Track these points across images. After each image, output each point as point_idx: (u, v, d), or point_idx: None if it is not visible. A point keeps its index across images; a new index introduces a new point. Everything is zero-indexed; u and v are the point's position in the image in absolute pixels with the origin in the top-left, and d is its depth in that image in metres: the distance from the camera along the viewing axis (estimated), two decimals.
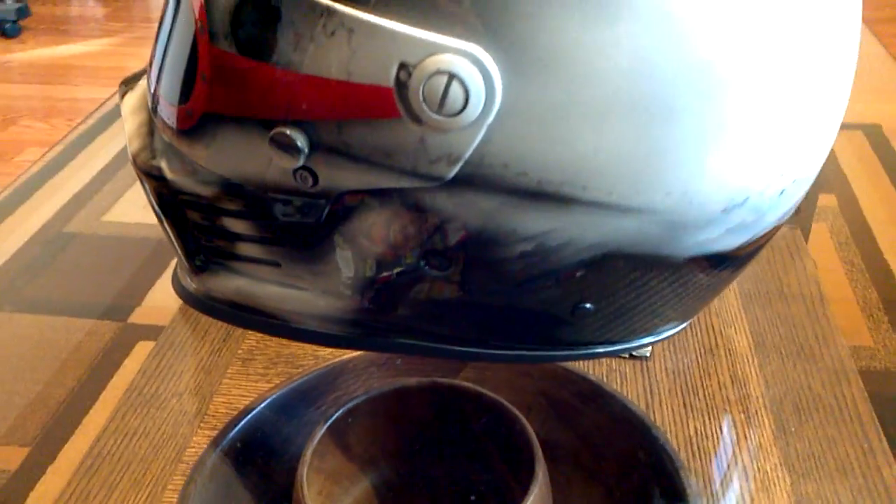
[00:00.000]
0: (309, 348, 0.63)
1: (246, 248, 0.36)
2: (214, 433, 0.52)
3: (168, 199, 0.37)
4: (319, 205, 0.33)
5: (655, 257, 0.32)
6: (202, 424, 0.57)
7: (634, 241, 0.31)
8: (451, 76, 0.28)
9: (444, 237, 0.32)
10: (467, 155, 0.29)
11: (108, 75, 1.99)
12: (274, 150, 0.31)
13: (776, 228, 0.35)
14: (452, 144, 0.29)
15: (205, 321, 0.66)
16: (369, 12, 0.28)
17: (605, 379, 0.58)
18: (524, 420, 0.42)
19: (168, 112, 0.36)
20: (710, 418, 0.57)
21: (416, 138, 0.29)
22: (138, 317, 0.68)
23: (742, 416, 0.57)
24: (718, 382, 0.59)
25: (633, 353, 0.60)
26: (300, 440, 0.47)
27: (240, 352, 0.63)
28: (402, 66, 0.28)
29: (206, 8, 0.31)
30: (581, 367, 0.53)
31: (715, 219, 0.31)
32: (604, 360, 0.60)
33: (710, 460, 0.54)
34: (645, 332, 0.37)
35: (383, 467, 0.47)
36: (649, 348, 0.61)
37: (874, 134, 0.96)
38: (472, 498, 0.46)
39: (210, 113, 0.33)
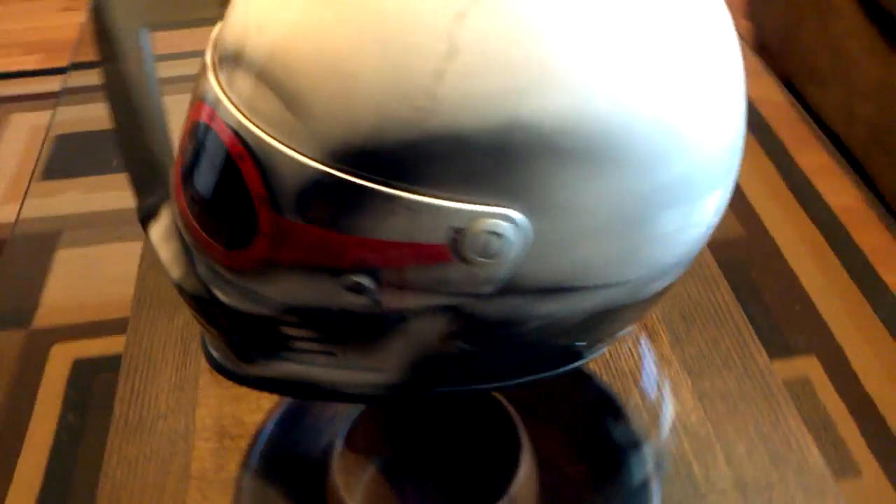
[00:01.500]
0: None
1: (301, 345, 0.42)
2: (211, 444, 0.59)
3: (219, 316, 0.43)
4: (380, 319, 0.39)
5: (632, 303, 0.42)
6: (196, 438, 0.63)
7: (618, 299, 0.41)
8: (493, 233, 0.36)
9: (481, 328, 0.40)
10: (504, 278, 0.38)
11: None
12: (348, 293, 0.38)
13: None
14: (493, 273, 0.37)
15: (158, 342, 0.71)
16: (424, 196, 0.35)
17: None
18: (507, 403, 0.52)
19: (220, 252, 0.40)
20: (619, 342, 0.69)
21: (465, 273, 0.37)
22: (42, 320, 0.70)
23: (643, 332, 0.70)
24: None
25: None
26: (313, 443, 0.55)
27: (203, 363, 0.69)
28: (453, 229, 0.36)
29: (267, 184, 0.37)
30: None
31: (674, 268, 0.42)
32: None
33: (628, 377, 0.66)
34: (610, 338, 0.47)
35: (386, 454, 0.55)
36: None
37: None
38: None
39: (271, 260, 0.38)
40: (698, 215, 0.39)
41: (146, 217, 0.46)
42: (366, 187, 0.35)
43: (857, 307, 0.73)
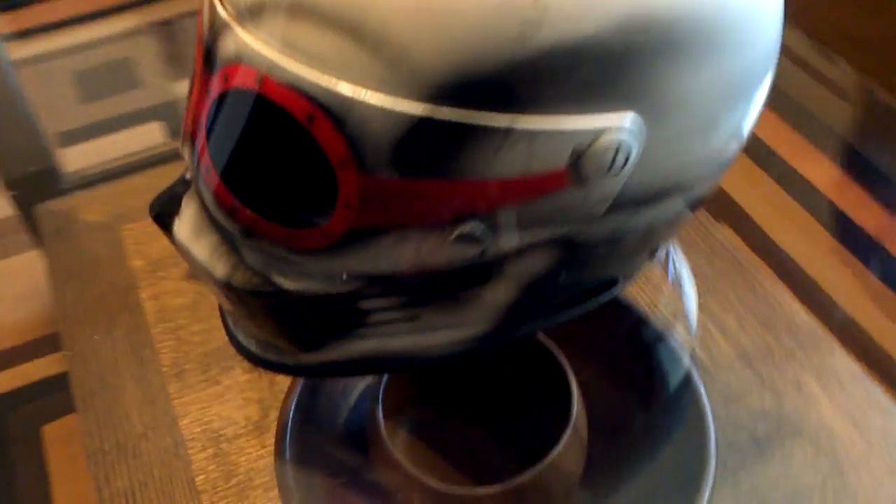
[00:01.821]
0: None
1: (381, 317, 0.38)
2: (208, 452, 0.55)
3: (277, 306, 0.38)
4: (480, 268, 0.36)
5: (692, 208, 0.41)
6: (190, 450, 0.58)
7: (691, 201, 0.40)
8: (616, 148, 0.33)
9: (584, 254, 0.37)
10: (617, 193, 0.35)
11: None
12: (456, 245, 0.34)
13: None
14: (610, 190, 0.34)
15: (106, 359, 0.64)
16: (542, 119, 0.31)
17: None
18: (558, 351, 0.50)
19: (284, 235, 0.35)
20: None
21: (581, 197, 0.34)
22: None
23: None
24: None
25: None
26: (337, 415, 0.52)
27: (164, 369, 0.63)
28: (574, 151, 0.32)
29: (351, 143, 0.32)
30: None
31: (730, 164, 0.41)
32: None
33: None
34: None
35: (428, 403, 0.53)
36: None
37: None
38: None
39: (356, 230, 0.34)
40: (758, 101, 0.38)
41: (163, 214, 0.40)
42: (476, 123, 0.31)
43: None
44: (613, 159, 0.33)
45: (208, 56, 0.35)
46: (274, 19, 0.32)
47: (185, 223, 0.39)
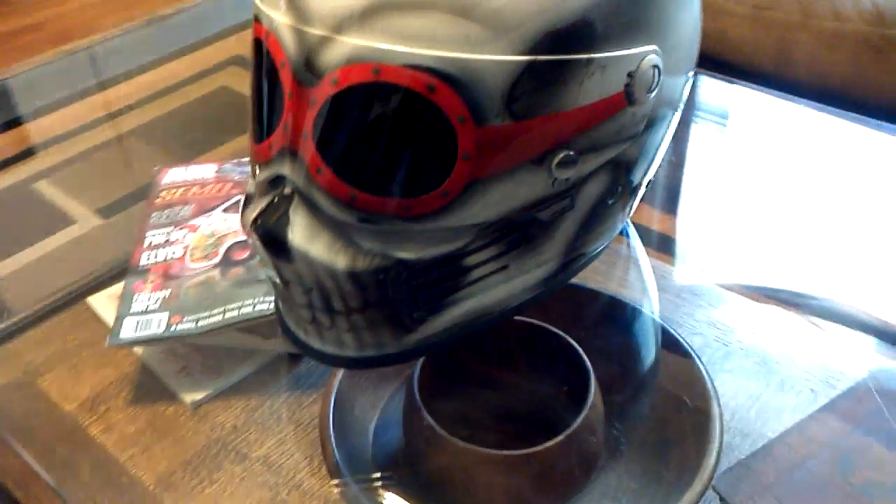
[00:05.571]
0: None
1: (480, 272, 0.43)
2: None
3: (395, 282, 0.42)
4: (564, 198, 0.43)
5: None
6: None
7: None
8: (655, 67, 0.42)
9: (625, 177, 0.45)
10: (651, 111, 0.43)
11: None
12: (555, 172, 0.41)
13: None
14: (647, 109, 0.43)
15: (36, 447, 0.60)
16: (611, 51, 0.40)
17: None
18: (577, 346, 0.55)
19: (404, 206, 0.40)
20: None
21: (630, 115, 0.42)
22: None
23: None
24: None
25: None
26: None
27: (151, 487, 0.60)
28: (629, 74, 0.41)
29: (469, 102, 0.38)
30: None
31: None
32: None
33: None
34: None
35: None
36: None
37: None
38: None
39: (473, 182, 0.40)
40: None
41: (270, 231, 0.42)
42: (571, 61, 0.39)
43: None
44: (652, 78, 0.42)
45: (305, 72, 0.40)
46: (382, 19, 0.38)
47: (299, 230, 0.42)
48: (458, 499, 0.53)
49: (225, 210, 0.76)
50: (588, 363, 0.54)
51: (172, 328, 0.64)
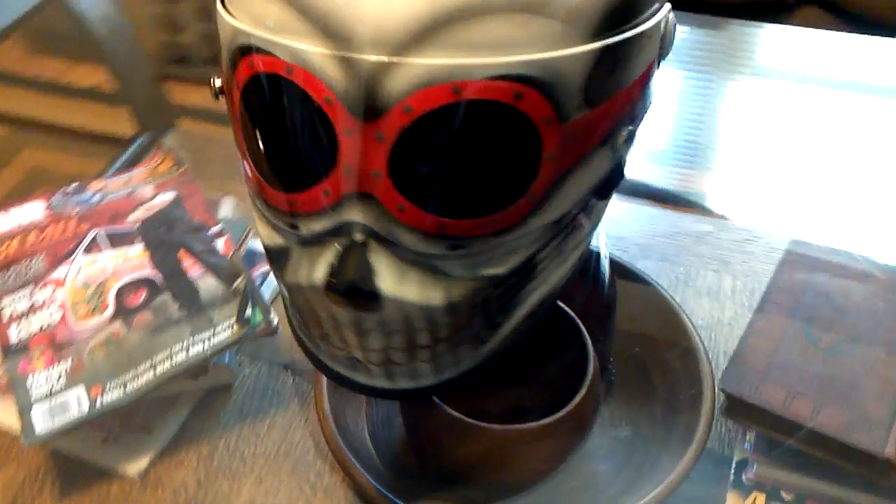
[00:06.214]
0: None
1: (544, 264, 0.42)
2: None
3: (486, 299, 0.41)
4: (617, 172, 0.42)
5: None
6: None
7: None
8: (675, 25, 0.43)
9: (635, 132, 0.44)
10: None
11: None
12: (620, 149, 0.40)
13: None
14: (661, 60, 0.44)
15: None
16: (652, 17, 0.40)
17: None
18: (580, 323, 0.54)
19: (492, 222, 0.38)
20: None
21: (655, 75, 0.42)
22: None
23: None
24: None
25: None
26: None
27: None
28: (661, 35, 0.41)
29: (554, 101, 0.36)
30: None
31: None
32: None
33: None
34: None
35: None
36: None
37: None
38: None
39: (557, 179, 0.38)
40: None
41: (353, 286, 0.38)
42: (632, 37, 0.38)
43: None
44: (674, 34, 0.43)
45: (364, 106, 0.35)
46: (449, 31, 0.34)
47: (387, 276, 0.39)
48: (496, 478, 0.52)
49: (87, 251, 0.66)
50: (570, 311, 0.55)
51: (97, 403, 0.56)
